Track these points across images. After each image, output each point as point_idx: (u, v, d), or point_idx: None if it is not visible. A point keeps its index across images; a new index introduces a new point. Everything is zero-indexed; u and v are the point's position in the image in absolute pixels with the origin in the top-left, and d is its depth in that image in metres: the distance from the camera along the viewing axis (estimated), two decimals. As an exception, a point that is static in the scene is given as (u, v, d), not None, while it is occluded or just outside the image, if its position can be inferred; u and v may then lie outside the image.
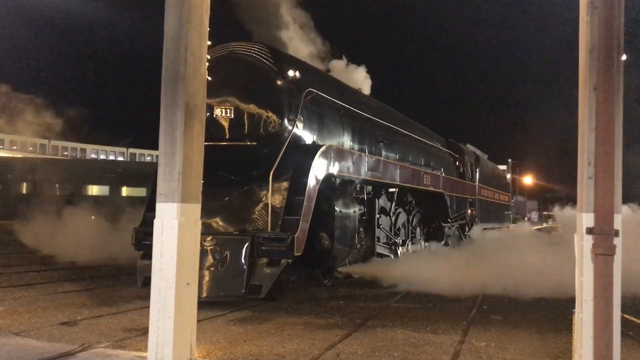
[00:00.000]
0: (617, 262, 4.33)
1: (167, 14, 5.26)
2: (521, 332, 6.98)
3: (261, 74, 9.36)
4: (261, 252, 8.25)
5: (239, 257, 8.20)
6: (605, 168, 4.33)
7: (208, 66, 10.20)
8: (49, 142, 65.66)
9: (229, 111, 9.05)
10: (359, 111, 12.19)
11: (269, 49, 9.81)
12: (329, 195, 9.68)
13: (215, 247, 8.25)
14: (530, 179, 76.50)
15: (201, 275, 8.01)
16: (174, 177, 5.08)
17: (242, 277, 8.10)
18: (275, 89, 9.29)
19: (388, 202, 13.10)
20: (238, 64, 9.46)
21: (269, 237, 8.31)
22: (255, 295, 8.08)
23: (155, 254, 5.08)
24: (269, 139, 9.12)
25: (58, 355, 5.17)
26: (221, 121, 9.06)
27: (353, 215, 10.30)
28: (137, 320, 7.21)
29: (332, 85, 11.86)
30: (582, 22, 4.62)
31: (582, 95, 4.62)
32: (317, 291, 9.99)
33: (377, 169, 11.87)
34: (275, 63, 9.51)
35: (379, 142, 12.83)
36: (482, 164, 23.30)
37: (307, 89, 9.77)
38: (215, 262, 8.21)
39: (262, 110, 9.14)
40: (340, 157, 10.17)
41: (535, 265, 11.19)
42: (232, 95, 9.11)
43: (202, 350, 5.65)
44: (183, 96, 5.13)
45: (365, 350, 5.91)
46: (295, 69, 9.52)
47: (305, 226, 8.58)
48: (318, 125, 10.22)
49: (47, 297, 8.90)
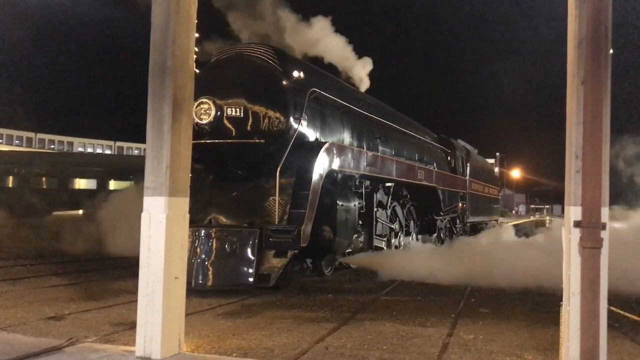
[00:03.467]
0: (604, 255, 4.37)
1: (155, 6, 5.21)
2: (509, 325, 7.03)
3: (268, 75, 9.80)
4: (269, 244, 8.76)
5: (248, 248, 8.72)
6: (593, 162, 4.35)
7: (216, 66, 10.42)
8: (36, 135, 65.02)
9: (239, 110, 9.35)
10: (357, 109, 12.67)
11: (275, 51, 10.26)
12: (331, 190, 10.28)
13: (226, 238, 8.73)
14: (518, 173, 77.03)
15: (212, 265, 8.64)
16: (162, 171, 5.05)
17: (251, 266, 8.63)
18: (281, 89, 9.75)
19: (385, 196, 13.56)
20: (245, 65, 9.89)
21: (277, 229, 8.82)
22: (264, 284, 8.60)
23: (143, 248, 5.04)
24: (276, 136, 9.53)
25: (45, 349, 5.13)
26: (231, 120, 9.37)
27: (353, 209, 10.83)
28: (125, 314, 7.17)
29: (332, 84, 12.34)
30: (571, 17, 4.63)
31: (570, 89, 4.63)
32: (307, 284, 10.00)
33: (375, 164, 12.40)
34: (280, 64, 9.98)
35: (376, 138, 13.34)
36: (473, 158, 23.76)
37: (311, 89, 10.24)
38: (226, 252, 8.69)
39: (269, 110, 9.53)
40: (342, 153, 10.68)
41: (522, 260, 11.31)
42: (241, 96, 9.42)
43: (191, 344, 5.63)
44: (170, 89, 5.09)
45: (354, 343, 5.92)
46: (300, 70, 10.04)
47: (311, 219, 9.08)
48: (320, 122, 10.69)
49: (34, 292, 8.82)
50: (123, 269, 11.69)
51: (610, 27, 4.47)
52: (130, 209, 14.92)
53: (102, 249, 15.30)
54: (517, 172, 76.14)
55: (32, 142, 64.82)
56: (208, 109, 9.12)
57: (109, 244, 15.31)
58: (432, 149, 18.66)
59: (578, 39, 4.50)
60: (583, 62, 4.45)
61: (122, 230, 14.81)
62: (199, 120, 9.13)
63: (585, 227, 4.36)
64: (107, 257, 13.96)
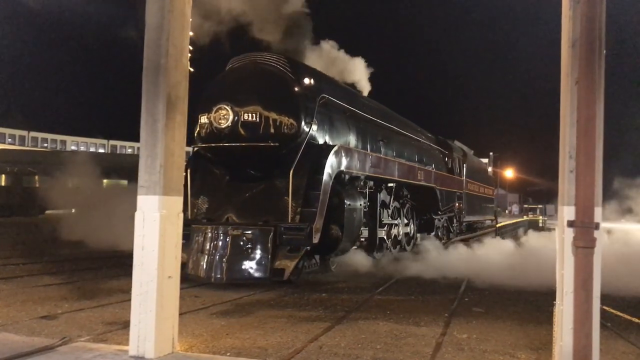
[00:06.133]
0: (597, 254, 4.38)
1: (149, 3, 5.19)
2: (503, 324, 7.05)
3: (281, 82, 10.37)
4: (283, 241, 9.31)
5: (263, 245, 9.25)
6: (587, 161, 4.36)
7: (232, 74, 10.76)
8: (29, 133, 64.66)
9: (255, 116, 9.93)
10: (361, 113, 13.38)
11: (287, 59, 10.89)
12: (339, 190, 10.71)
13: (242, 235, 9.30)
14: (512, 172, 77.14)
15: (229, 261, 9.22)
16: (156, 170, 5.03)
17: (266, 262, 9.19)
18: (294, 95, 10.32)
19: (387, 195, 14.24)
20: (260, 73, 10.47)
21: (290, 227, 9.36)
22: (278, 278, 9.16)
23: (137, 247, 5.03)
24: (289, 140, 10.06)
25: (38, 349, 5.10)
26: (248, 125, 9.93)
27: (359, 208, 11.42)
28: (119, 313, 7.14)
29: (339, 89, 13.05)
30: (565, 17, 4.65)
31: (564, 90, 4.65)
32: (300, 284, 10.00)
33: (378, 165, 13.07)
34: (292, 71, 10.59)
35: (379, 140, 14.02)
36: (469, 159, 24.24)
37: (320, 95, 10.92)
38: (242, 249, 9.24)
39: (282, 115, 10.11)
40: (349, 155, 11.31)
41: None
42: (256, 102, 10.01)
43: (184, 343, 5.62)
44: (165, 87, 5.07)
45: (348, 342, 5.93)
46: (310, 77, 10.83)
47: (321, 217, 9.61)
48: (329, 126, 11.34)
49: (27, 291, 8.78)
50: (117, 267, 11.65)
51: (604, 28, 4.49)
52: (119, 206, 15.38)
53: (93, 247, 15.31)
54: (511, 172, 76.23)
55: (25, 140, 64.48)
56: (226, 114, 9.81)
57: (100, 241, 15.41)
58: (430, 150, 19.26)
59: (572, 39, 4.52)
60: (577, 62, 4.46)
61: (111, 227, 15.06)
62: (217, 125, 9.87)
63: (578, 226, 4.37)
64: (97, 255, 13.91)
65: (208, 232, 9.49)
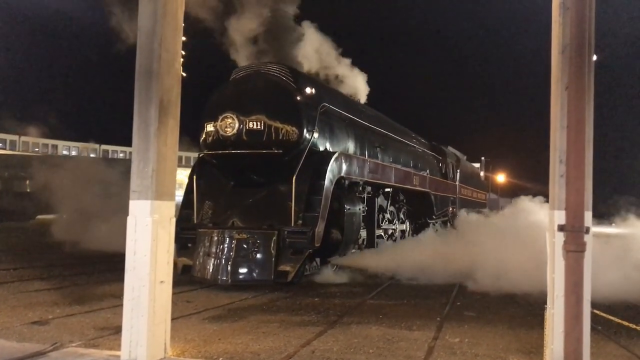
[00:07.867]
0: (587, 258, 4.41)
1: (141, 8, 5.19)
2: (494, 328, 7.07)
3: (284, 92, 10.73)
4: (286, 244, 9.65)
5: (267, 248, 9.57)
6: (577, 166, 4.40)
7: (237, 83, 11.02)
8: (19, 138, 64.25)
9: (259, 124, 10.28)
10: (360, 120, 13.78)
11: (289, 69, 11.31)
12: (339, 195, 11.04)
13: (247, 239, 9.61)
14: (503, 177, 77.42)
15: (234, 264, 9.50)
16: (148, 174, 5.02)
17: (270, 264, 9.51)
18: (296, 104, 10.67)
19: (385, 200, 14.73)
20: (263, 82, 10.81)
21: (293, 230, 9.69)
22: (282, 280, 9.51)
23: (129, 252, 5.01)
24: (291, 147, 10.40)
25: (29, 355, 5.08)
26: (252, 133, 10.27)
27: (358, 213, 11.82)
28: (110, 318, 7.12)
29: (339, 98, 13.51)
30: (555, 23, 4.69)
31: (554, 95, 4.68)
32: (293, 288, 10.00)
33: (376, 171, 13.53)
34: (294, 81, 10.96)
35: (376, 147, 14.48)
36: (462, 164, 24.73)
37: (321, 103, 11.27)
38: (247, 252, 9.55)
39: (285, 124, 10.43)
40: (349, 162, 11.73)
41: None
42: (261, 111, 10.34)
43: (177, 348, 5.61)
44: (157, 92, 5.08)
45: (341, 347, 5.93)
46: (311, 86, 11.19)
47: (323, 221, 9.95)
48: (329, 134, 11.72)
49: (17, 296, 8.72)
50: (109, 272, 11.60)
51: (593, 34, 4.53)
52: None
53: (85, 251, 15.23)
54: (502, 176, 76.54)
55: (15, 145, 64.05)
56: (232, 122, 10.20)
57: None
58: (425, 156, 19.72)
59: (562, 45, 4.56)
60: (567, 68, 4.50)
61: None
62: (223, 132, 10.25)
63: (569, 231, 4.40)
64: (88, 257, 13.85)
65: (214, 236, 9.73)
